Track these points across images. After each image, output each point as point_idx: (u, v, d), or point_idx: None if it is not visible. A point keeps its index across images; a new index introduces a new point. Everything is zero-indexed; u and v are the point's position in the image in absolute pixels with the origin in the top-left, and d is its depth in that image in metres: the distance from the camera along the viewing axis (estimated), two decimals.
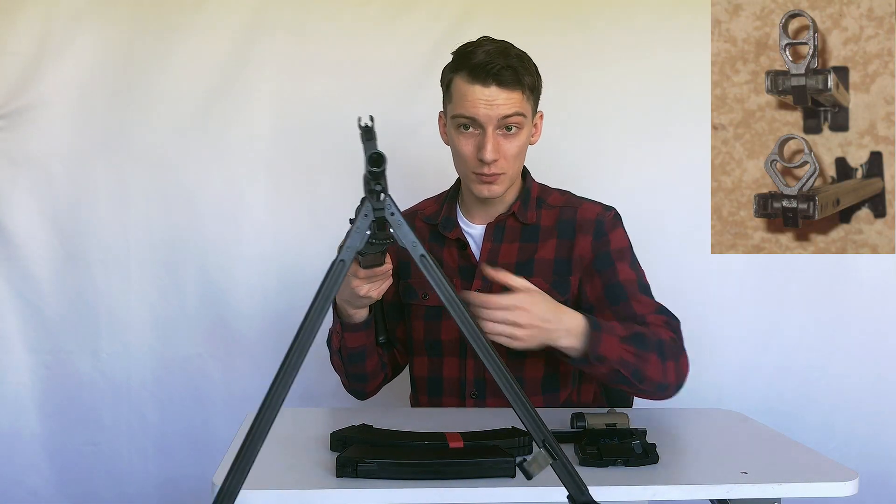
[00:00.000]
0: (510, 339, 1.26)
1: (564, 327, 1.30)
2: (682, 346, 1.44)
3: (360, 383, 1.57)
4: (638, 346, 1.35)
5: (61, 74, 2.05)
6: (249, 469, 0.79)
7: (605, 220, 1.52)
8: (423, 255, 0.84)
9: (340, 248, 1.36)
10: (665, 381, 1.38)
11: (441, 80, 1.50)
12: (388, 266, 1.32)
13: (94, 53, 2.06)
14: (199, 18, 2.07)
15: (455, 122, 1.46)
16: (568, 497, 0.81)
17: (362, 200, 1.22)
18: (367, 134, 0.82)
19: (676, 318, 1.46)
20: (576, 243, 1.51)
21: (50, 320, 2.09)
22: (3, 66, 2.04)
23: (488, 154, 1.42)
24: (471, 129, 1.44)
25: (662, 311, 1.47)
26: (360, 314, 1.46)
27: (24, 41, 2.04)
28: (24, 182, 2.07)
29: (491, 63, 1.39)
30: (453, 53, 1.47)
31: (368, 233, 0.84)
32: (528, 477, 0.81)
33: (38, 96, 2.05)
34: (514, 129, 1.44)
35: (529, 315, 1.26)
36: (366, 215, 0.83)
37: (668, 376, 1.38)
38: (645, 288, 1.50)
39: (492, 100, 1.40)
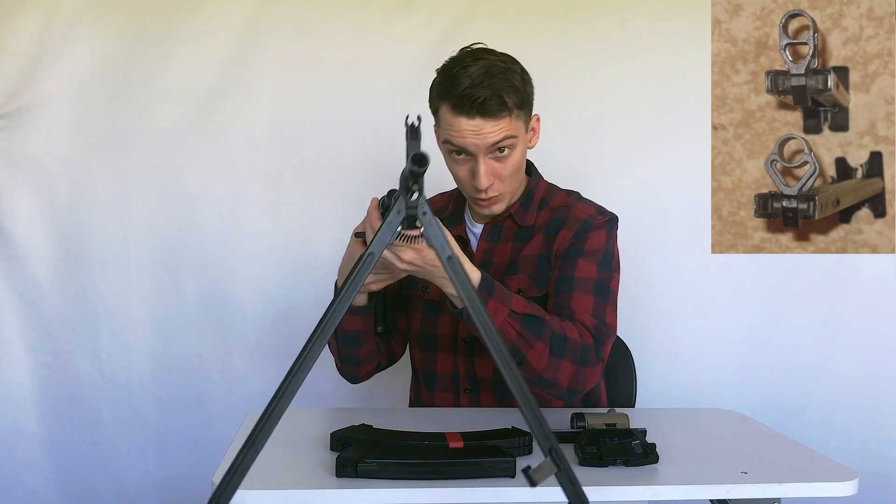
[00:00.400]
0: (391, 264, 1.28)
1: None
2: (597, 358, 1.38)
3: (351, 366, 1.57)
4: (528, 327, 1.31)
5: (61, 74, 2.05)
6: (252, 463, 0.79)
7: (594, 222, 1.49)
8: (450, 257, 0.85)
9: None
10: (551, 377, 1.34)
11: (429, 101, 1.47)
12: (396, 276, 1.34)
13: (94, 53, 2.06)
14: (200, 18, 2.07)
15: (446, 148, 1.45)
16: None
17: (389, 192, 1.23)
18: (413, 133, 0.82)
19: (610, 331, 1.42)
20: (556, 239, 1.49)
21: (50, 320, 2.09)
22: (3, 66, 2.04)
23: (482, 181, 1.42)
24: (463, 156, 1.43)
25: (600, 318, 1.41)
26: (360, 299, 1.45)
27: (24, 41, 2.04)
28: (24, 182, 2.07)
29: (474, 95, 1.36)
30: (438, 72, 1.45)
31: (399, 229, 0.84)
32: (533, 484, 0.81)
33: (38, 96, 2.05)
34: (506, 150, 1.42)
35: (416, 256, 1.26)
36: (398, 212, 0.83)
37: (557, 374, 1.33)
38: (601, 291, 1.44)
39: (478, 130, 1.38)
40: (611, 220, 1.52)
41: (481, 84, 1.36)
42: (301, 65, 2.09)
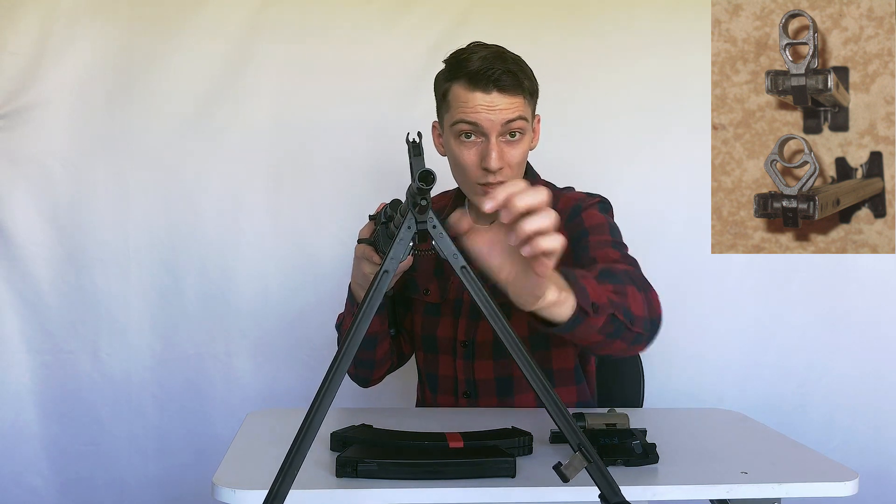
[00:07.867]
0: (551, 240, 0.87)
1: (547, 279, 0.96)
2: (647, 280, 1.26)
3: (366, 370, 1.56)
4: (612, 281, 1.13)
5: (61, 74, 2.05)
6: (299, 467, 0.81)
7: (583, 204, 1.47)
8: (463, 267, 0.85)
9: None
10: (650, 315, 1.18)
11: (435, 90, 1.47)
12: (406, 263, 1.32)
13: (94, 53, 2.06)
14: (199, 18, 2.07)
15: (455, 131, 1.42)
16: (600, 496, 0.82)
17: (392, 203, 1.22)
18: (416, 150, 0.83)
19: (635, 260, 1.34)
20: None
21: (50, 320, 2.09)
22: (3, 66, 2.03)
23: (493, 162, 1.39)
24: (472, 138, 1.41)
25: (622, 252, 1.34)
26: None
27: (24, 41, 2.03)
28: (24, 182, 2.06)
29: (490, 68, 1.36)
30: (445, 62, 1.44)
31: (412, 244, 0.86)
32: (565, 480, 0.82)
33: (38, 96, 2.05)
34: (517, 135, 1.41)
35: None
36: (409, 227, 0.85)
37: (651, 310, 1.19)
38: (615, 235, 1.39)
39: (494, 105, 1.38)
40: (602, 201, 1.49)
41: (495, 63, 1.37)
42: (301, 65, 2.09)
